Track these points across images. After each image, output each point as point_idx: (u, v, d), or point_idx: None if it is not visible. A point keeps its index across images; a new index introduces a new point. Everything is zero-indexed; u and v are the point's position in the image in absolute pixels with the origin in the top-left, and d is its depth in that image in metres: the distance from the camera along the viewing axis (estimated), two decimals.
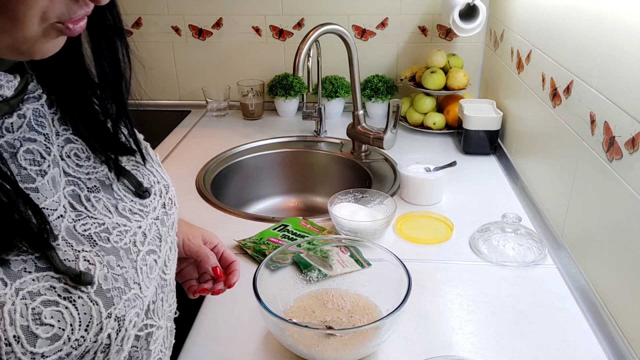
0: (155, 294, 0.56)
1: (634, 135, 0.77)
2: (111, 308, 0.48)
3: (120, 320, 0.49)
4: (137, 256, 0.53)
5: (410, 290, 0.76)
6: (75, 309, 0.45)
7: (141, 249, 0.54)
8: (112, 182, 0.55)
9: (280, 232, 1.10)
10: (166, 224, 0.60)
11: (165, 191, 0.61)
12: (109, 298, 0.48)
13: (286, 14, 1.74)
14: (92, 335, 0.46)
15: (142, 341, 0.55)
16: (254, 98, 1.75)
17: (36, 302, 0.43)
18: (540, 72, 1.19)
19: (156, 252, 0.56)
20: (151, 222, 0.57)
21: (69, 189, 0.51)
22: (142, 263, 0.53)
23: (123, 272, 0.50)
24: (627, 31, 0.80)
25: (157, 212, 0.58)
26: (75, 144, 0.54)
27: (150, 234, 0.56)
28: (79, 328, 0.45)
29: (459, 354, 0.80)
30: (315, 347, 0.75)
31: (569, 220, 1.02)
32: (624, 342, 0.80)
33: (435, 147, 1.53)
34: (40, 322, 0.43)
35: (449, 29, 1.68)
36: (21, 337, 0.42)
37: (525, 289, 0.94)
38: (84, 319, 0.45)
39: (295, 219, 1.15)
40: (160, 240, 0.58)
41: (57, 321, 0.44)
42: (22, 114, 0.48)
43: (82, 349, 0.46)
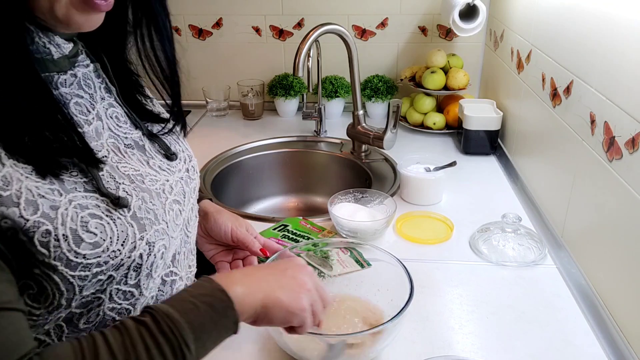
0: (180, 246, 0.66)
1: (634, 135, 0.77)
2: (143, 232, 0.57)
3: (150, 245, 0.58)
4: (165, 200, 0.63)
5: (412, 294, 0.76)
6: (115, 225, 0.54)
7: (169, 197, 0.64)
8: (144, 144, 0.66)
9: (280, 232, 1.10)
10: (189, 186, 0.70)
11: (189, 159, 0.72)
12: (142, 224, 0.57)
13: (286, 14, 1.74)
14: (127, 250, 0.55)
15: (167, 286, 0.64)
16: (254, 98, 1.75)
17: (84, 213, 0.52)
18: (540, 72, 1.19)
19: (181, 204, 0.66)
20: (177, 179, 0.67)
21: (110, 141, 0.61)
22: (169, 207, 0.63)
23: (154, 208, 0.60)
24: (627, 31, 0.80)
25: (181, 173, 0.68)
26: (115, 109, 0.64)
27: (176, 188, 0.66)
28: (117, 242, 0.54)
29: (459, 354, 0.80)
30: (317, 352, 0.75)
31: (569, 220, 1.02)
32: (624, 342, 0.80)
33: (435, 147, 1.53)
34: (86, 229, 0.52)
35: (449, 29, 1.68)
36: (69, 236, 0.50)
37: (525, 289, 0.94)
38: (121, 235, 0.55)
39: (295, 219, 1.15)
40: (184, 197, 0.67)
41: (100, 232, 0.53)
42: (74, 73, 0.60)
43: (117, 261, 0.54)
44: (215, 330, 0.54)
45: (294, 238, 1.08)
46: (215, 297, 0.54)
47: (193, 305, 0.53)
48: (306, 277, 0.64)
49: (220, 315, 0.54)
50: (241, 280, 0.59)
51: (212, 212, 0.85)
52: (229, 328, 0.56)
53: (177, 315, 0.51)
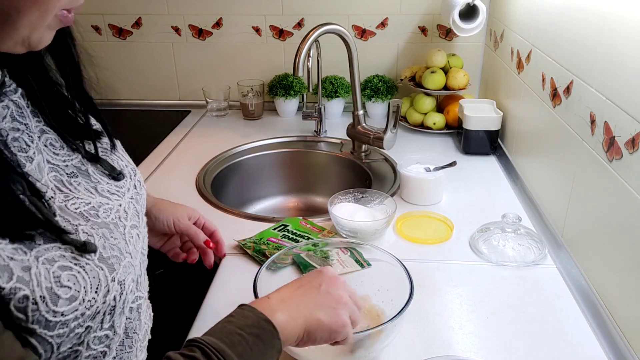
0: (140, 268, 0.61)
1: (634, 135, 0.77)
2: (114, 273, 0.53)
3: (122, 284, 0.54)
4: (124, 230, 0.58)
5: (412, 294, 0.75)
6: (85, 273, 0.50)
7: (126, 223, 0.59)
8: (87, 168, 0.59)
9: (280, 232, 1.10)
10: (140, 203, 0.65)
11: (133, 174, 0.66)
12: (111, 264, 0.53)
13: (286, 14, 1.74)
14: (101, 296, 0.51)
15: (135, 312, 0.60)
16: (254, 98, 1.75)
17: (54, 267, 0.47)
18: (540, 72, 1.19)
19: (137, 227, 0.62)
20: (128, 201, 0.61)
21: (51, 175, 0.55)
22: (129, 236, 0.58)
23: (117, 242, 0.55)
24: (627, 31, 0.80)
25: (130, 192, 0.63)
26: (48, 134, 0.57)
27: (130, 211, 0.61)
28: (90, 290, 0.50)
29: (459, 354, 0.80)
30: (317, 351, 0.75)
31: (569, 220, 1.02)
32: (624, 342, 0.80)
33: (435, 147, 1.53)
34: (60, 284, 0.48)
35: (449, 29, 1.68)
36: (46, 297, 0.46)
37: (525, 289, 0.94)
38: (93, 282, 0.50)
39: (295, 219, 1.15)
40: (138, 217, 0.63)
41: (73, 284, 0.49)
42: (5, 105, 0.53)
43: (93, 310, 0.51)
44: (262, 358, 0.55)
45: (294, 238, 1.08)
46: (261, 327, 0.56)
47: (241, 337, 0.54)
48: (341, 290, 0.65)
49: (267, 345, 0.55)
50: (281, 306, 0.59)
51: (149, 209, 0.84)
52: (273, 356, 0.57)
53: (227, 349, 0.52)
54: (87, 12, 1.77)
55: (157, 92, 1.90)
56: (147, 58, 1.85)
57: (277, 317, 0.57)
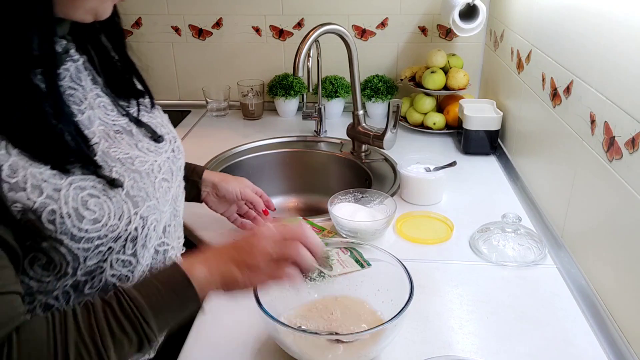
0: (170, 219, 0.75)
1: (634, 135, 0.77)
2: (137, 208, 0.65)
3: (144, 219, 0.66)
4: (154, 179, 0.70)
5: (412, 294, 0.76)
6: (111, 203, 0.62)
7: (157, 175, 0.71)
8: (132, 129, 0.72)
9: None
10: (176, 164, 0.78)
11: (173, 140, 0.79)
12: (135, 201, 0.65)
13: (286, 14, 1.74)
14: (123, 224, 0.63)
15: (160, 255, 0.73)
16: (254, 98, 1.75)
17: (84, 193, 0.60)
18: (540, 72, 1.19)
19: (169, 181, 0.74)
20: (164, 159, 0.74)
21: (100, 128, 0.68)
22: (159, 185, 0.71)
23: (145, 186, 0.68)
24: (627, 31, 0.80)
25: (168, 153, 0.76)
26: (103, 98, 0.71)
27: (164, 167, 0.74)
28: (114, 217, 0.62)
29: (459, 354, 0.80)
30: (318, 353, 0.75)
31: (569, 220, 1.02)
32: (624, 342, 0.80)
33: (435, 147, 1.53)
34: (86, 207, 0.60)
35: (449, 29, 1.68)
36: (72, 214, 0.58)
37: (525, 289, 0.94)
38: (117, 211, 0.63)
39: (295, 220, 1.15)
40: (172, 175, 0.76)
41: (98, 209, 0.61)
42: (66, 68, 0.66)
43: (115, 234, 0.63)
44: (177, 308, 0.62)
45: None
46: (177, 281, 0.62)
47: (157, 289, 0.61)
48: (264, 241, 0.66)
49: (180, 297, 0.62)
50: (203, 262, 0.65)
51: (219, 182, 1.01)
52: (190, 306, 0.63)
53: (140, 298, 0.59)
54: None
55: (157, 92, 1.87)
56: (147, 58, 1.84)
57: (195, 271, 0.63)
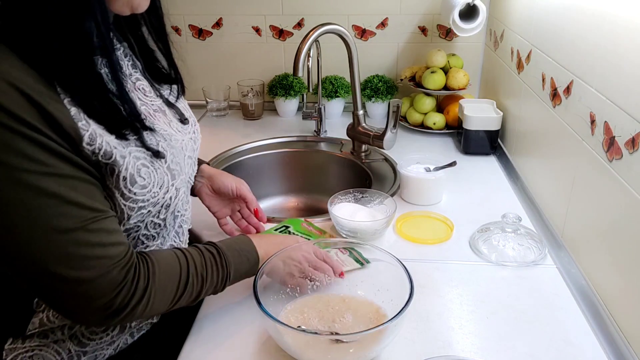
0: (186, 192, 0.85)
1: (634, 135, 0.77)
2: (174, 180, 0.77)
3: (178, 190, 0.78)
4: (184, 155, 0.82)
5: (412, 294, 0.76)
6: (157, 173, 0.73)
7: (185, 152, 0.83)
8: (165, 109, 0.83)
9: (282, 232, 1.10)
10: (196, 144, 0.89)
11: (194, 124, 0.90)
12: (174, 174, 0.76)
13: (286, 14, 1.74)
14: (162, 193, 0.74)
15: (177, 220, 0.85)
16: (254, 98, 1.75)
17: (139, 162, 0.70)
18: (540, 72, 1.19)
19: (192, 159, 0.87)
20: (188, 139, 0.85)
21: (142, 107, 0.77)
22: (187, 161, 0.83)
23: (179, 161, 0.79)
24: (627, 31, 0.80)
25: (190, 134, 0.86)
26: (142, 82, 0.81)
27: (189, 146, 0.84)
28: (156, 185, 0.73)
29: (459, 354, 0.80)
30: (318, 353, 0.75)
31: (569, 220, 1.02)
32: (624, 342, 0.80)
33: (435, 147, 1.53)
34: (139, 175, 0.70)
35: (449, 29, 1.68)
36: (127, 177, 0.68)
37: (525, 289, 0.94)
38: (159, 181, 0.73)
39: (297, 221, 1.15)
40: (194, 152, 0.87)
41: (147, 177, 0.71)
42: None
43: (155, 200, 0.74)
44: (245, 272, 0.83)
45: None
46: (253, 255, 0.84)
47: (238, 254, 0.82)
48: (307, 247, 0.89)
49: (252, 267, 0.83)
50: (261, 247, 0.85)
51: (215, 174, 1.05)
52: (252, 272, 0.83)
53: (231, 257, 0.80)
54: None
55: None
56: None
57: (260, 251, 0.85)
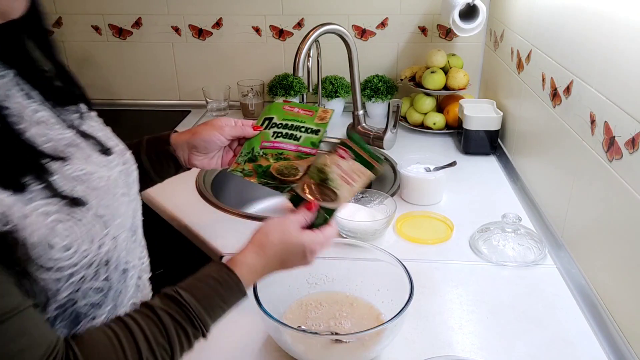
0: (130, 237, 0.67)
1: (634, 135, 0.77)
2: (107, 229, 0.60)
3: (115, 239, 0.61)
4: (114, 196, 0.64)
5: (412, 294, 0.76)
6: (80, 226, 0.56)
7: (115, 191, 0.65)
8: (79, 142, 0.64)
9: (269, 128, 0.90)
10: (131, 177, 0.71)
11: (123, 153, 0.72)
12: (105, 221, 0.60)
13: (286, 14, 1.74)
14: (95, 248, 0.58)
15: (120, 275, 0.65)
16: (254, 98, 1.75)
17: (51, 218, 0.54)
18: (540, 72, 1.19)
19: (127, 196, 0.68)
20: (117, 173, 0.67)
21: (47, 145, 0.60)
22: (120, 201, 0.65)
23: (110, 203, 0.62)
24: (627, 31, 0.80)
25: (120, 167, 0.69)
26: (42, 112, 0.62)
27: (119, 181, 0.67)
28: (85, 241, 0.56)
29: (459, 354, 0.80)
30: (318, 353, 0.75)
31: (569, 220, 1.02)
32: (624, 342, 0.80)
33: (435, 147, 1.53)
34: (55, 234, 0.53)
35: (449, 29, 1.68)
36: (41, 243, 0.52)
37: (525, 289, 0.94)
38: (88, 234, 0.57)
39: (276, 106, 0.92)
40: (129, 189, 0.69)
41: (67, 235, 0.55)
42: None
43: (88, 260, 0.57)
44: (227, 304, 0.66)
45: (289, 133, 0.88)
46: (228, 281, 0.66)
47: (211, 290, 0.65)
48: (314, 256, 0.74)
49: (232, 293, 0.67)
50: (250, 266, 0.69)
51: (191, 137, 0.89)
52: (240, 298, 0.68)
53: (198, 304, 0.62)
54: (87, 12, 1.77)
55: (157, 92, 1.90)
56: (147, 58, 1.85)
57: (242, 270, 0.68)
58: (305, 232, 0.74)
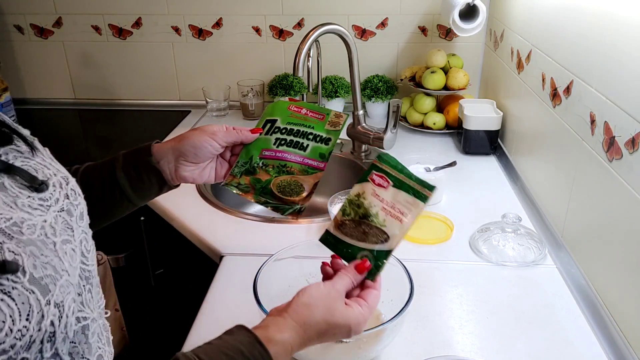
0: (80, 286, 0.55)
1: (634, 135, 0.77)
2: (49, 295, 0.46)
3: (59, 306, 0.48)
4: (54, 246, 0.51)
5: (412, 294, 0.75)
6: (12, 299, 0.43)
7: (55, 240, 0.52)
8: (2, 180, 0.50)
9: (271, 134, 0.78)
10: (74, 214, 0.57)
11: (65, 182, 0.58)
12: (44, 285, 0.46)
13: (286, 14, 1.74)
14: (34, 324, 0.45)
15: (80, 335, 0.53)
16: (254, 98, 1.75)
17: None
18: (540, 72, 1.19)
19: (71, 242, 0.54)
20: (55, 214, 0.54)
21: None
22: (62, 252, 0.52)
23: (49, 260, 0.48)
24: (627, 31, 0.80)
25: (59, 204, 0.55)
26: None
27: (58, 226, 0.53)
28: (20, 318, 0.44)
29: (459, 354, 0.80)
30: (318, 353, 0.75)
31: (569, 220, 1.02)
32: (624, 342, 0.80)
33: (435, 147, 1.53)
34: None
35: (449, 29, 1.68)
36: None
37: (525, 289, 0.94)
38: (22, 308, 0.44)
39: (280, 106, 0.81)
40: (72, 231, 0.56)
41: None
42: None
43: (26, 339, 0.44)
44: None
45: (294, 141, 0.77)
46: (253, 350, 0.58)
47: None
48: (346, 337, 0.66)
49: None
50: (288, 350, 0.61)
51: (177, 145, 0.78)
52: None
53: None
54: (87, 12, 1.77)
55: (157, 92, 1.90)
56: (147, 58, 1.85)
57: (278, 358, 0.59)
58: (351, 308, 0.65)
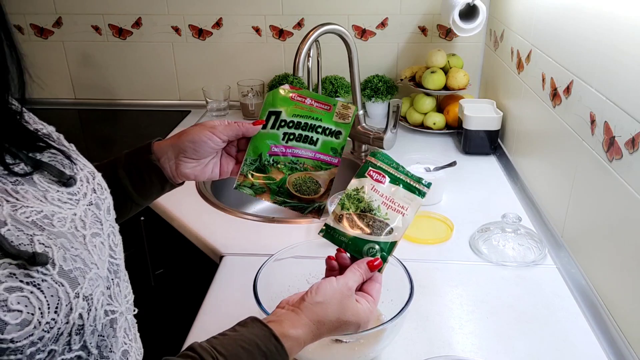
0: (109, 279, 0.55)
1: (634, 135, 0.77)
2: (77, 288, 0.47)
3: (88, 299, 0.48)
4: (83, 239, 0.52)
5: (412, 294, 0.75)
6: (41, 292, 0.44)
7: (85, 233, 0.53)
8: (32, 176, 0.52)
9: (277, 129, 0.75)
10: (102, 208, 0.59)
11: (92, 177, 0.59)
12: (73, 278, 0.47)
13: (286, 14, 1.74)
14: (62, 316, 0.45)
15: (108, 329, 0.54)
16: (254, 98, 1.75)
17: (0, 289, 0.42)
18: (540, 72, 1.19)
19: (100, 235, 0.56)
20: (85, 208, 0.55)
21: None
22: (91, 245, 0.53)
23: (79, 253, 0.49)
24: (627, 31, 0.80)
25: (87, 198, 0.56)
26: None
27: (88, 219, 0.54)
28: (48, 311, 0.44)
29: (459, 354, 0.80)
30: (318, 353, 0.75)
31: (569, 220, 1.02)
32: (624, 342, 0.80)
33: (435, 147, 1.53)
34: (7, 309, 0.42)
35: (449, 29, 1.68)
36: None
37: (525, 289, 0.94)
38: (51, 301, 0.45)
39: (282, 96, 0.77)
40: (101, 224, 0.57)
41: (24, 306, 0.43)
42: None
43: (54, 332, 0.45)
44: None
45: (302, 135, 0.75)
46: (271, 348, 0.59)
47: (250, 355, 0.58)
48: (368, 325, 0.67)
49: None
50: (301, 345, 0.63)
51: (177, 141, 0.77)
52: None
53: None
54: (87, 12, 1.77)
55: (157, 92, 1.90)
56: (147, 58, 1.85)
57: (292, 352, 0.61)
58: (361, 305, 0.66)
